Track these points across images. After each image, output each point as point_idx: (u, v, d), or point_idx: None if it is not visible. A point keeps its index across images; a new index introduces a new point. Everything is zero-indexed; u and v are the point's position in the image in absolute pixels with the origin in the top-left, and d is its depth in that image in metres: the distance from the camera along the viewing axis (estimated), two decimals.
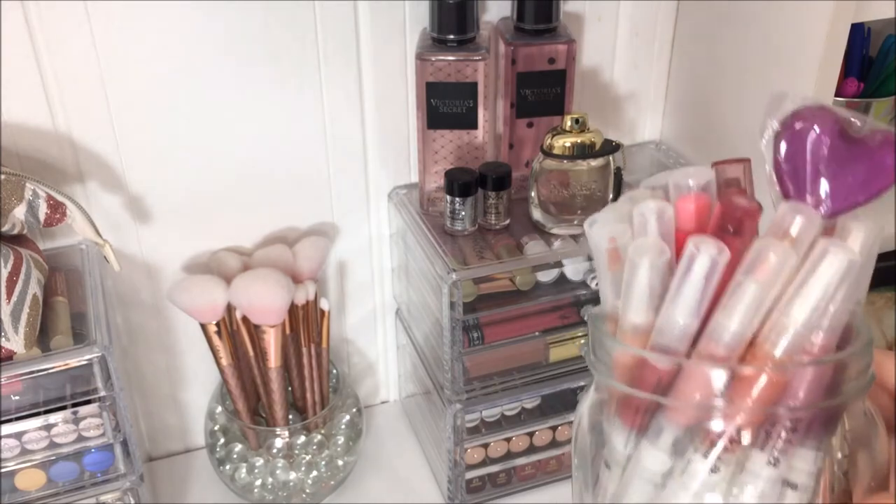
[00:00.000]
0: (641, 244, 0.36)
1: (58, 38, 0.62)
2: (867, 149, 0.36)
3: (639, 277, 0.36)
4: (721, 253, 0.34)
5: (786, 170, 0.37)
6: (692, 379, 0.35)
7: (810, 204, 0.36)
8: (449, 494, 0.77)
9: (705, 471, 0.36)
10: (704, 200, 0.37)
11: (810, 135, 0.36)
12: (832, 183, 0.36)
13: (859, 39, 0.79)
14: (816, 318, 0.34)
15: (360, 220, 0.79)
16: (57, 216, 0.59)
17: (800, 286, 0.34)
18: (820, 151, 0.36)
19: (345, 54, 0.70)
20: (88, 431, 0.62)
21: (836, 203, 0.36)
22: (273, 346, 0.70)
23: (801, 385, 0.34)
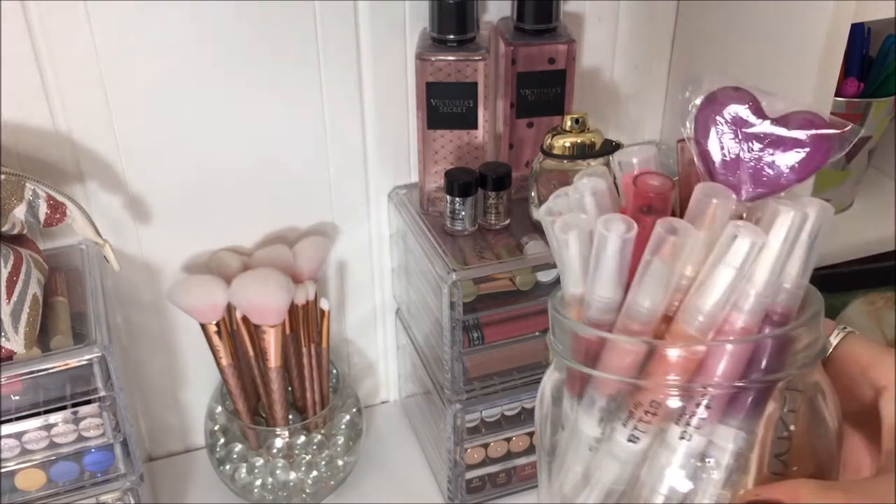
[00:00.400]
0: (569, 219, 0.37)
1: (58, 38, 0.62)
2: (787, 131, 0.36)
3: (570, 251, 0.37)
4: (629, 230, 0.35)
5: (705, 152, 0.37)
6: (612, 351, 0.37)
7: (730, 186, 0.36)
8: (449, 494, 0.77)
9: (624, 440, 0.37)
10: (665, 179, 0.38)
11: (725, 117, 0.36)
12: (750, 166, 0.36)
13: (859, 39, 0.79)
14: (729, 300, 0.34)
15: (360, 220, 0.79)
16: (57, 216, 0.59)
17: (711, 267, 0.34)
18: (735, 134, 0.36)
19: (345, 54, 0.70)
20: (88, 431, 0.62)
21: (757, 186, 0.36)
22: (273, 346, 0.70)
23: (716, 364, 0.35)
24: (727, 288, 0.34)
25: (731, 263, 0.34)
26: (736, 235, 0.34)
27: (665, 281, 0.35)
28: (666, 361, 0.35)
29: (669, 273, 0.35)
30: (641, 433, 0.37)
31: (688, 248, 0.34)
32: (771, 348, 0.35)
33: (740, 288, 0.34)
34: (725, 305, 0.35)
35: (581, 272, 0.37)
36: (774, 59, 0.65)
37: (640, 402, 0.36)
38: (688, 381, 0.35)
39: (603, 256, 0.36)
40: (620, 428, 0.37)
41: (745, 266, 0.34)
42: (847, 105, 0.76)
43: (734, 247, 0.34)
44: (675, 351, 0.35)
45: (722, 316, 0.35)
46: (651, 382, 0.36)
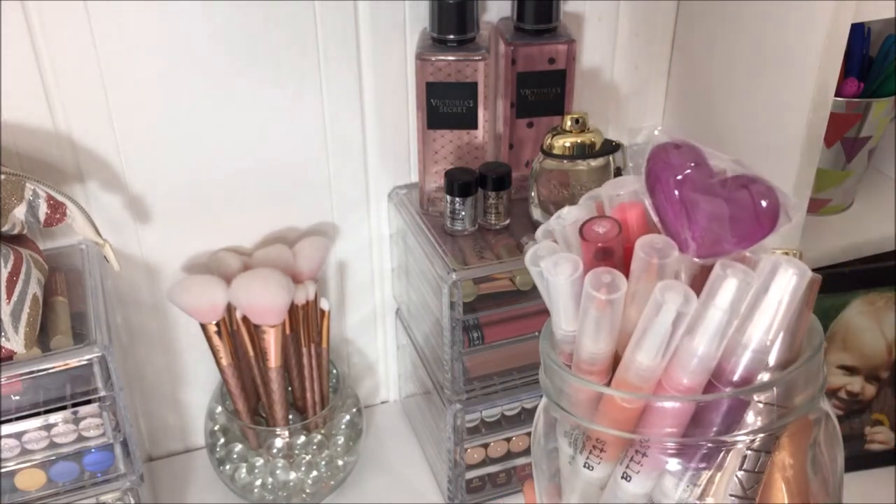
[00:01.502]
0: (539, 250, 0.37)
1: (58, 38, 0.62)
2: (729, 193, 0.35)
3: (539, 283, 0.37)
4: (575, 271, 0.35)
5: (654, 205, 0.36)
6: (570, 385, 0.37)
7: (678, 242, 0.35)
8: (449, 494, 0.77)
9: (581, 465, 0.38)
10: (639, 208, 0.37)
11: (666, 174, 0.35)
12: (693, 226, 0.35)
13: (859, 39, 0.79)
14: (665, 357, 0.34)
15: (360, 220, 0.79)
16: (57, 216, 0.59)
17: (646, 324, 0.34)
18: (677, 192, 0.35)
19: (345, 54, 0.70)
20: (88, 431, 0.62)
21: (701, 250, 0.35)
22: (273, 346, 0.70)
23: (651, 417, 0.35)
24: (661, 344, 0.34)
25: (660, 324, 0.33)
26: (663, 300, 0.33)
27: (606, 328, 0.35)
28: (608, 406, 0.36)
29: (609, 321, 0.35)
30: (595, 464, 0.37)
31: (621, 300, 0.34)
32: (719, 409, 0.34)
33: (680, 346, 0.34)
34: (662, 361, 0.34)
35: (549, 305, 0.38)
36: (774, 59, 0.65)
37: (590, 437, 0.37)
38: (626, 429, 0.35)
39: (555, 295, 0.36)
40: (579, 454, 0.38)
41: (678, 327, 0.33)
42: (847, 105, 0.76)
43: (663, 309, 0.33)
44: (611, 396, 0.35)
45: (659, 370, 0.34)
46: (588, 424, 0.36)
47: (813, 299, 0.36)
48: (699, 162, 0.35)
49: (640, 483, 0.36)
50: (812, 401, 0.36)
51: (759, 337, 0.34)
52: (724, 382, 0.34)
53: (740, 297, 0.33)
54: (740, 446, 0.35)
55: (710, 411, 0.34)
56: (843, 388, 0.86)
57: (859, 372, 0.86)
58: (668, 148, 0.36)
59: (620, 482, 0.36)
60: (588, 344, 0.36)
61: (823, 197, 0.81)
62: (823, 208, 0.82)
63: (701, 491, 0.36)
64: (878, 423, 0.88)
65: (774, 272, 0.33)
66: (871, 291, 0.85)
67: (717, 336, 0.33)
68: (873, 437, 0.88)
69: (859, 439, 0.87)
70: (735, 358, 0.34)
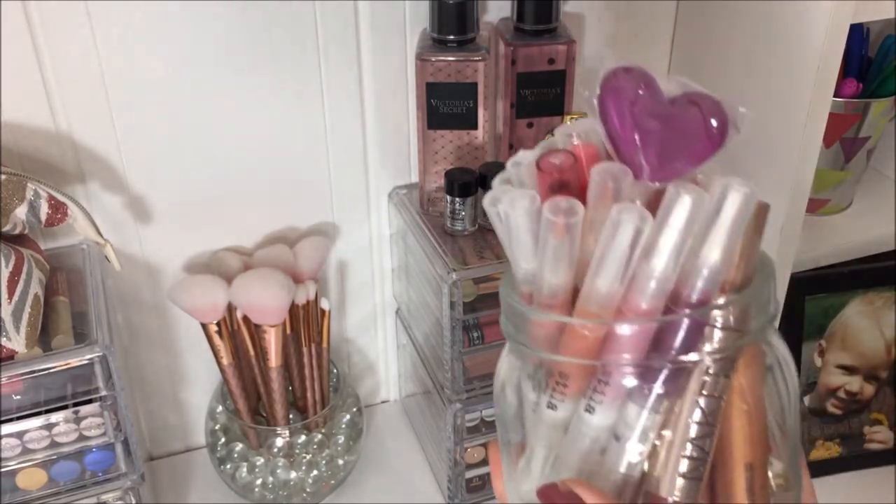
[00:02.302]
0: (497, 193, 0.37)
1: (58, 38, 0.62)
2: (679, 113, 0.35)
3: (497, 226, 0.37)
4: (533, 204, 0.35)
5: (607, 132, 0.36)
6: (531, 323, 0.37)
7: (633, 167, 0.35)
8: (449, 494, 0.77)
9: (545, 406, 0.37)
10: (591, 150, 0.38)
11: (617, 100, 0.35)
12: (646, 150, 0.35)
13: (858, 39, 0.79)
14: (623, 281, 0.34)
15: (360, 220, 0.79)
16: (58, 216, 0.59)
17: (604, 248, 0.34)
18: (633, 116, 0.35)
19: (345, 54, 0.70)
20: (89, 431, 0.62)
21: (655, 172, 0.35)
22: (273, 346, 0.70)
23: (614, 343, 0.35)
24: (620, 268, 0.34)
25: (619, 246, 0.34)
26: (620, 220, 0.33)
27: (565, 258, 0.35)
28: (570, 337, 0.36)
29: (568, 251, 0.35)
30: (559, 402, 0.37)
31: (579, 226, 0.35)
32: (678, 331, 0.35)
33: (637, 269, 0.34)
34: (621, 286, 0.35)
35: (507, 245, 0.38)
36: (774, 59, 0.65)
37: (553, 372, 0.37)
38: (588, 358, 0.36)
39: (513, 231, 0.36)
40: (542, 395, 0.38)
41: (634, 249, 0.34)
42: (846, 105, 0.77)
43: (620, 230, 0.34)
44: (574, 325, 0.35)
45: (620, 295, 0.35)
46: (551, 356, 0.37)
47: (762, 225, 0.36)
48: (649, 84, 0.36)
49: (603, 414, 0.36)
50: (762, 330, 0.37)
51: (714, 258, 0.34)
52: (682, 305, 0.35)
53: (694, 216, 0.34)
54: (700, 368, 0.35)
55: (668, 334, 0.35)
56: (842, 387, 0.86)
57: (858, 371, 0.86)
58: (617, 73, 0.36)
59: (584, 416, 0.36)
60: (548, 277, 0.36)
61: (822, 197, 0.81)
62: (822, 208, 0.82)
63: (663, 419, 0.36)
64: (877, 422, 0.88)
65: (725, 194, 0.34)
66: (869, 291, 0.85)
67: (673, 257, 0.34)
68: (872, 436, 0.88)
69: (858, 439, 0.88)
70: (691, 280, 0.35)
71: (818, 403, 0.86)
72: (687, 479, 0.36)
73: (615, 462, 0.36)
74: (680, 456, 0.36)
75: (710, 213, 0.34)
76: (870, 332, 0.85)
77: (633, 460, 0.36)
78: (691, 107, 0.35)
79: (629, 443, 0.36)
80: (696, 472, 0.36)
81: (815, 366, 0.85)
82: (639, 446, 0.36)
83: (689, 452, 0.36)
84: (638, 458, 0.36)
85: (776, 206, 0.67)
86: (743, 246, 0.35)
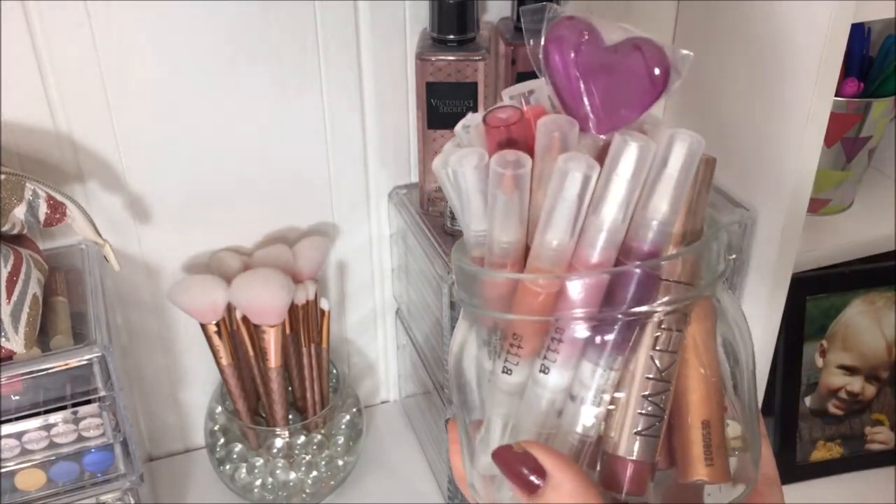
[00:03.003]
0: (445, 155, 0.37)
1: (58, 38, 0.62)
2: (621, 59, 0.35)
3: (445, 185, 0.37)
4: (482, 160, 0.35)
5: (552, 84, 0.36)
6: (483, 284, 0.37)
7: (579, 119, 0.35)
8: (449, 494, 0.77)
9: (499, 371, 0.37)
10: (539, 109, 0.37)
11: (561, 50, 0.35)
12: (591, 99, 0.35)
13: (859, 39, 0.79)
14: (573, 234, 0.34)
15: (360, 220, 0.79)
16: (57, 216, 0.59)
17: (552, 202, 0.34)
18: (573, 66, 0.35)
19: (345, 54, 0.70)
20: (88, 431, 0.62)
21: (601, 123, 0.35)
22: (273, 346, 0.70)
23: (566, 299, 0.35)
24: (569, 222, 0.34)
25: (567, 198, 0.33)
26: (567, 170, 0.33)
27: (515, 214, 0.35)
28: (522, 295, 0.35)
29: (518, 206, 0.35)
30: (513, 366, 0.37)
31: (527, 179, 0.34)
32: (631, 284, 0.34)
33: (586, 222, 0.34)
34: (571, 240, 0.34)
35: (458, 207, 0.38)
36: (774, 59, 0.65)
37: (507, 334, 0.37)
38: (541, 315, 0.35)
39: (463, 191, 0.36)
40: (498, 360, 0.37)
41: (583, 200, 0.33)
42: (847, 105, 0.76)
43: (567, 181, 0.33)
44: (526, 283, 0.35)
45: (570, 250, 0.34)
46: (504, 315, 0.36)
47: (710, 179, 0.36)
48: (591, 32, 0.35)
49: (558, 374, 0.36)
50: (712, 285, 0.36)
51: (663, 209, 0.34)
52: (633, 258, 0.35)
53: (641, 165, 0.33)
54: (653, 321, 0.35)
55: (620, 288, 0.34)
56: (844, 388, 0.86)
57: (859, 372, 0.86)
58: (560, 23, 0.35)
59: (539, 377, 0.36)
60: (498, 235, 0.35)
61: (823, 197, 0.81)
62: (823, 208, 0.82)
63: (618, 376, 0.35)
64: (879, 422, 0.88)
65: (672, 144, 0.34)
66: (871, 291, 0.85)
67: (622, 207, 0.34)
68: (873, 437, 0.88)
69: (859, 439, 0.87)
70: (641, 232, 0.34)
71: (819, 404, 0.86)
72: (644, 436, 0.36)
73: (572, 423, 0.36)
74: (637, 413, 0.36)
75: (657, 163, 0.34)
76: (871, 333, 0.85)
77: (589, 421, 0.36)
78: (634, 52, 0.35)
79: (585, 403, 0.36)
80: (653, 430, 0.36)
81: (817, 366, 0.85)
82: (594, 407, 0.36)
83: (646, 409, 0.36)
84: (594, 419, 0.36)
85: (777, 206, 0.67)
86: (691, 198, 0.35)
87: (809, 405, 0.86)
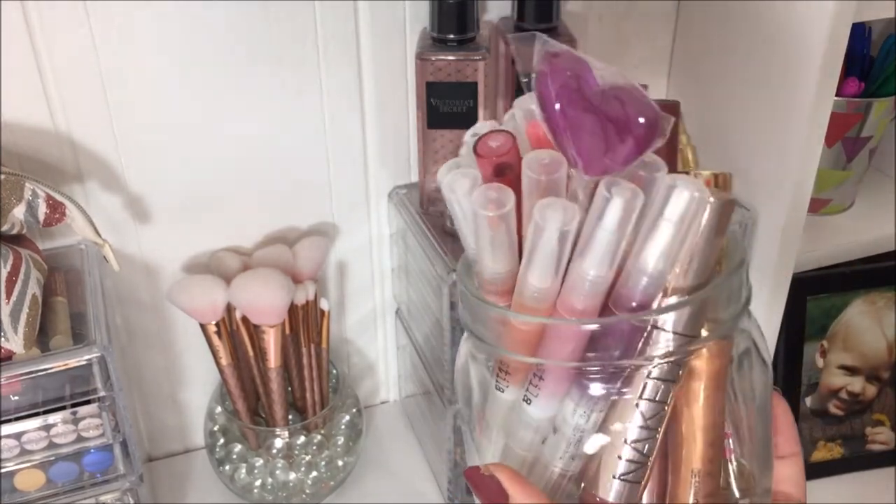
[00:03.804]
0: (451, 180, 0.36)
1: (57, 37, 0.61)
2: (607, 108, 0.32)
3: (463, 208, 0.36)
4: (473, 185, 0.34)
5: (544, 119, 0.34)
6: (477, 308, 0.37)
7: (567, 158, 0.33)
8: (449, 494, 0.77)
9: (493, 388, 0.37)
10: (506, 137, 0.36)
11: (548, 89, 0.33)
12: (577, 144, 0.33)
13: (860, 39, 0.79)
14: (556, 277, 0.33)
15: (360, 220, 0.78)
16: (56, 216, 0.59)
17: (534, 241, 0.33)
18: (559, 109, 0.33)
19: (345, 54, 0.70)
20: (88, 432, 0.61)
21: (588, 167, 0.33)
22: (273, 346, 0.70)
23: (547, 340, 0.34)
24: (549, 266, 0.32)
25: (545, 244, 0.32)
26: (542, 224, 0.32)
27: (504, 245, 0.34)
28: (509, 328, 0.35)
29: (507, 238, 0.34)
30: (504, 387, 0.36)
31: (513, 215, 0.33)
32: (615, 335, 0.33)
33: (572, 268, 0.33)
34: (554, 283, 0.33)
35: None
36: (775, 59, 0.65)
37: (497, 359, 0.37)
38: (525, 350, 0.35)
39: (458, 214, 0.35)
40: (492, 378, 0.37)
41: (563, 247, 0.32)
42: (848, 105, 0.76)
43: (545, 230, 0.32)
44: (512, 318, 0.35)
45: (553, 291, 0.33)
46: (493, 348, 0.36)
47: (725, 224, 0.34)
48: (579, 73, 0.33)
49: (540, 407, 0.35)
50: (735, 320, 0.35)
51: (655, 262, 0.32)
52: (622, 308, 0.33)
53: (627, 217, 0.32)
54: (642, 372, 0.34)
55: (606, 336, 0.33)
56: (844, 388, 0.86)
57: (860, 372, 0.86)
58: (548, 59, 0.33)
59: (523, 406, 0.36)
60: (488, 264, 0.34)
61: (824, 197, 0.81)
62: (824, 208, 0.82)
63: (602, 417, 0.35)
64: (879, 423, 0.88)
65: (669, 193, 0.32)
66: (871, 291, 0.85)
67: (606, 258, 0.32)
68: (874, 437, 0.88)
69: (860, 440, 0.87)
70: (632, 281, 0.33)
71: (820, 404, 0.86)
72: (623, 481, 0.35)
73: (553, 455, 0.36)
74: (617, 458, 0.35)
75: (654, 213, 0.32)
76: (872, 333, 0.85)
77: (569, 457, 0.35)
78: (617, 103, 0.32)
79: (565, 438, 0.35)
80: (634, 476, 0.35)
81: (817, 366, 0.85)
82: (574, 445, 0.35)
83: (628, 455, 0.35)
84: (574, 456, 0.35)
85: (778, 205, 0.67)
86: (697, 246, 0.33)
87: (810, 405, 0.86)
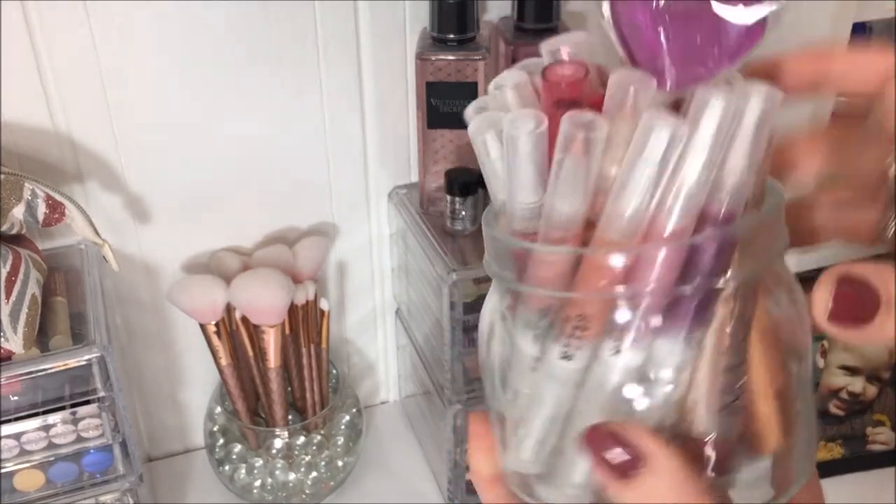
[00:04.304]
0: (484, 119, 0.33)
1: (57, 37, 0.61)
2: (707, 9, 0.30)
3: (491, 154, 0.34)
4: (539, 126, 0.31)
5: (625, 34, 0.32)
6: (536, 262, 0.33)
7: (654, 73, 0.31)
8: (449, 494, 0.77)
9: (557, 358, 0.33)
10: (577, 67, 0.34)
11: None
12: (669, 50, 0.31)
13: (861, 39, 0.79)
14: (653, 200, 0.31)
15: (360, 220, 0.78)
16: (56, 216, 0.59)
17: (630, 165, 0.30)
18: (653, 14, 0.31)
19: (345, 54, 0.70)
20: (87, 432, 0.61)
21: (681, 75, 0.31)
22: (273, 347, 0.70)
23: (644, 272, 0.31)
24: (648, 187, 0.30)
25: (649, 159, 0.30)
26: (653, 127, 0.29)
27: (582, 181, 0.31)
28: (590, 271, 0.32)
29: (586, 172, 0.31)
30: (575, 350, 0.33)
31: (602, 143, 0.31)
32: (709, 252, 0.31)
33: (666, 187, 0.31)
34: (649, 207, 0.31)
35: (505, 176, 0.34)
36: None
37: (569, 316, 0.33)
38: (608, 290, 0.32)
39: (516, 158, 0.32)
40: (553, 345, 0.34)
41: (667, 162, 0.30)
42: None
43: (651, 140, 0.30)
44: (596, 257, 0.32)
45: (647, 218, 0.31)
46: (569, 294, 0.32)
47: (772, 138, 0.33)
48: None
49: (631, 354, 0.32)
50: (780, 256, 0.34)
51: (740, 169, 0.31)
52: (709, 224, 0.31)
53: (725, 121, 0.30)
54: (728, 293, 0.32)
55: (698, 258, 0.31)
56: (845, 388, 0.86)
57: (860, 372, 0.86)
58: None
59: (609, 361, 0.33)
60: (559, 206, 0.32)
61: None
62: None
63: (694, 353, 0.33)
64: (880, 423, 0.88)
65: (748, 96, 0.31)
66: None
67: (705, 169, 0.30)
68: (874, 437, 0.88)
69: (860, 440, 0.87)
70: (718, 195, 0.31)
71: (820, 404, 0.86)
72: (723, 414, 0.33)
73: (645, 408, 0.33)
74: (717, 390, 0.33)
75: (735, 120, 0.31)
76: None
77: (666, 403, 0.33)
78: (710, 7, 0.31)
79: (660, 384, 0.33)
80: (731, 408, 0.33)
81: (818, 367, 0.85)
82: (670, 388, 0.33)
83: (723, 385, 0.33)
84: (671, 401, 0.33)
85: None
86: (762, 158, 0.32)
87: None
